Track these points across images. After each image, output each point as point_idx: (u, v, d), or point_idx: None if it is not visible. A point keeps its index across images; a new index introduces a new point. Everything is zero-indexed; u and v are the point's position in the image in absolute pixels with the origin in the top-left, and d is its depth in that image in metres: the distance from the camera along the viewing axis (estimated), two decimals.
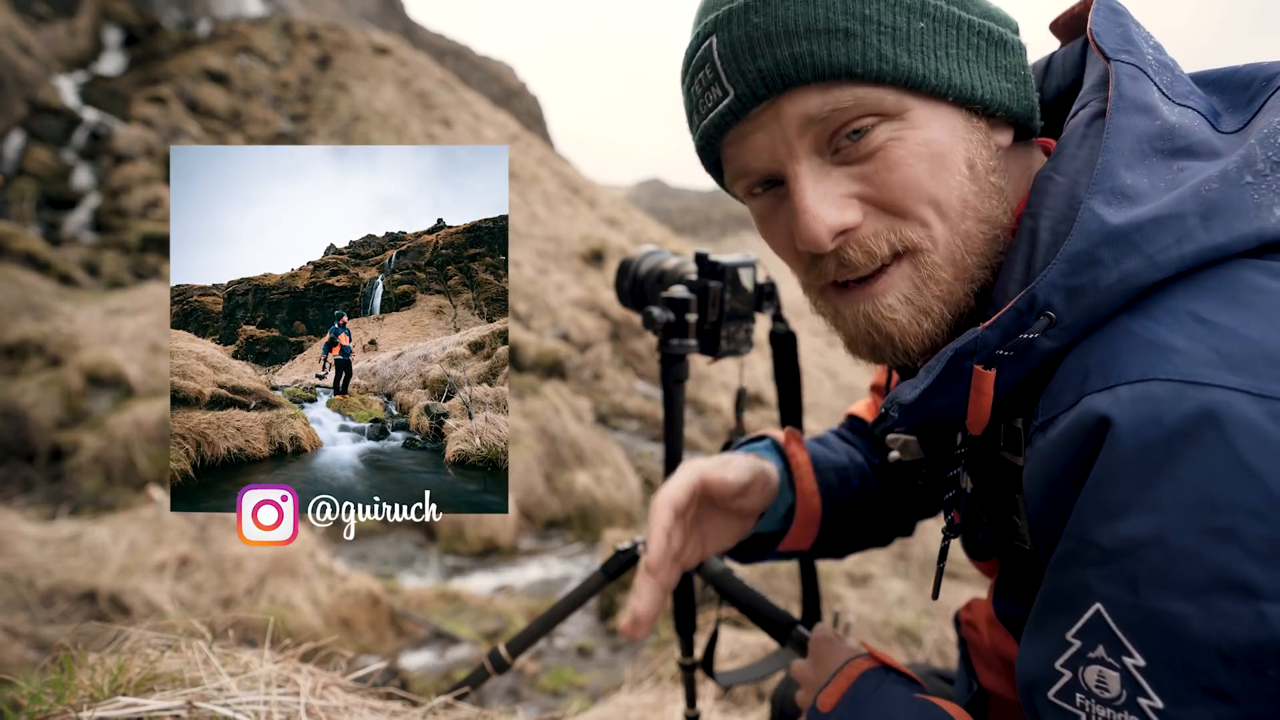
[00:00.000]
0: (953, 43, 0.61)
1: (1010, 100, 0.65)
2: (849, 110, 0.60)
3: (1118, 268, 0.53)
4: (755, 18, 0.59)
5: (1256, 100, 0.62)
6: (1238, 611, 0.46)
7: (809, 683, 0.91)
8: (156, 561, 3.84)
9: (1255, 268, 0.53)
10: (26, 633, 3.24)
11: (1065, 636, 0.54)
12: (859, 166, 0.62)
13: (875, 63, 0.58)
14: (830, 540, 1.01)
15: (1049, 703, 0.56)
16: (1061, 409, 0.54)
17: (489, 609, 4.46)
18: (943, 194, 0.61)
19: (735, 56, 0.61)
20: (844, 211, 0.62)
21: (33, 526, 3.98)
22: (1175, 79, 0.63)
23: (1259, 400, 0.46)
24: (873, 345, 0.66)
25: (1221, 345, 0.49)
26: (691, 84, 0.66)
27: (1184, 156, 0.57)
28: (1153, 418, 0.48)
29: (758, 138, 0.64)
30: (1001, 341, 0.58)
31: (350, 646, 3.71)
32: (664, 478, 1.35)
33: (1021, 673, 0.59)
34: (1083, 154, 0.60)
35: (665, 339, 1.20)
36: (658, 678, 2.85)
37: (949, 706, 0.77)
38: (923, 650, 3.31)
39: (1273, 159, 0.55)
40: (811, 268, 0.67)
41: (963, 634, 0.89)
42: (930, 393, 0.61)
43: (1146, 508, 0.48)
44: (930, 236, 0.62)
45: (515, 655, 1.32)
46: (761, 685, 3.03)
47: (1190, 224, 0.53)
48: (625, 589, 4.39)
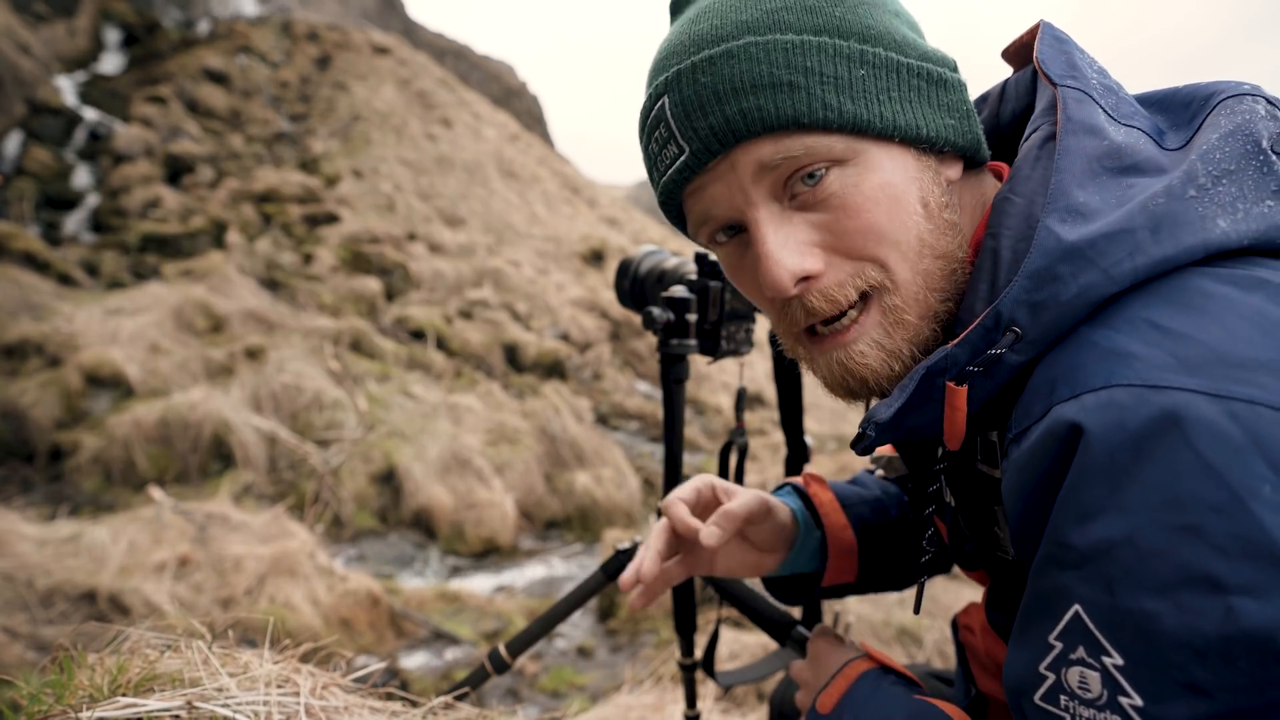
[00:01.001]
0: (894, 86, 0.64)
1: (955, 135, 0.68)
2: (800, 158, 0.62)
3: (1075, 282, 0.56)
4: (703, 78, 0.62)
5: (1196, 118, 0.65)
6: (1206, 606, 0.47)
7: (808, 684, 0.91)
8: (156, 562, 3.84)
9: (1205, 274, 0.55)
10: (26, 633, 3.23)
11: (1048, 639, 0.55)
12: (817, 214, 0.64)
13: (821, 111, 0.61)
14: (879, 571, 1.03)
15: (1035, 706, 0.57)
16: (1033, 420, 0.55)
17: (489, 609, 4.46)
18: (901, 236, 0.64)
19: (687, 115, 0.64)
20: (804, 258, 0.64)
21: (32, 526, 3.98)
22: (1120, 101, 0.66)
23: (1216, 400, 0.48)
24: (848, 388, 0.69)
25: (1178, 350, 0.51)
26: (649, 142, 0.69)
27: (1132, 174, 0.60)
28: (1117, 423, 0.50)
29: (716, 188, 0.66)
30: (971, 358, 0.60)
31: (350, 647, 3.71)
32: (664, 478, 1.35)
33: (1008, 677, 0.60)
34: (1037, 175, 0.63)
35: (665, 339, 1.20)
36: (658, 678, 2.85)
37: (948, 707, 0.77)
38: (923, 651, 3.31)
39: (1213, 173, 0.57)
40: (782, 314, 0.69)
41: (960, 639, 0.90)
42: (905, 410, 0.63)
43: (1117, 509, 0.50)
44: (891, 279, 0.64)
45: (515, 655, 1.32)
46: (761, 685, 3.03)
47: (1140, 237, 0.55)
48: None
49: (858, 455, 0.69)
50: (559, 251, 15.08)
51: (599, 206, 21.78)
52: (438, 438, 6.07)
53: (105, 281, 8.46)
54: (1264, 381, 0.48)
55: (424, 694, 2.14)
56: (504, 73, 45.85)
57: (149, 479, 5.01)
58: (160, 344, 6.52)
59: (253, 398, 5.96)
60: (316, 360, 6.87)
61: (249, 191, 12.07)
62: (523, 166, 19.81)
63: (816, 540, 0.99)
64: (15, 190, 10.36)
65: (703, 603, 3.57)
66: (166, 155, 12.61)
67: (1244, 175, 0.58)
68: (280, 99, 17.83)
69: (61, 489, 4.95)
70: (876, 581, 1.05)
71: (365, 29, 26.05)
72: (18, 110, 12.22)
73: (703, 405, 9.61)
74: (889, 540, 1.02)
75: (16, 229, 8.53)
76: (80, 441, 5.19)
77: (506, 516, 5.64)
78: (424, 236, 12.82)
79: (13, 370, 5.81)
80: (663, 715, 2.52)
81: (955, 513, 0.78)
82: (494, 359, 9.36)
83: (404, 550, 5.26)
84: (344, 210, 12.56)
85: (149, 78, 15.74)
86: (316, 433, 5.94)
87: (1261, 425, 0.47)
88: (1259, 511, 0.46)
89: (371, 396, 6.67)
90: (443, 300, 10.77)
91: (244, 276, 8.78)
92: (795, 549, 0.98)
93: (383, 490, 5.61)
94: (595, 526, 5.97)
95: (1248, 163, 0.58)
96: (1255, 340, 0.50)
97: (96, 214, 10.69)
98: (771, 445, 6.21)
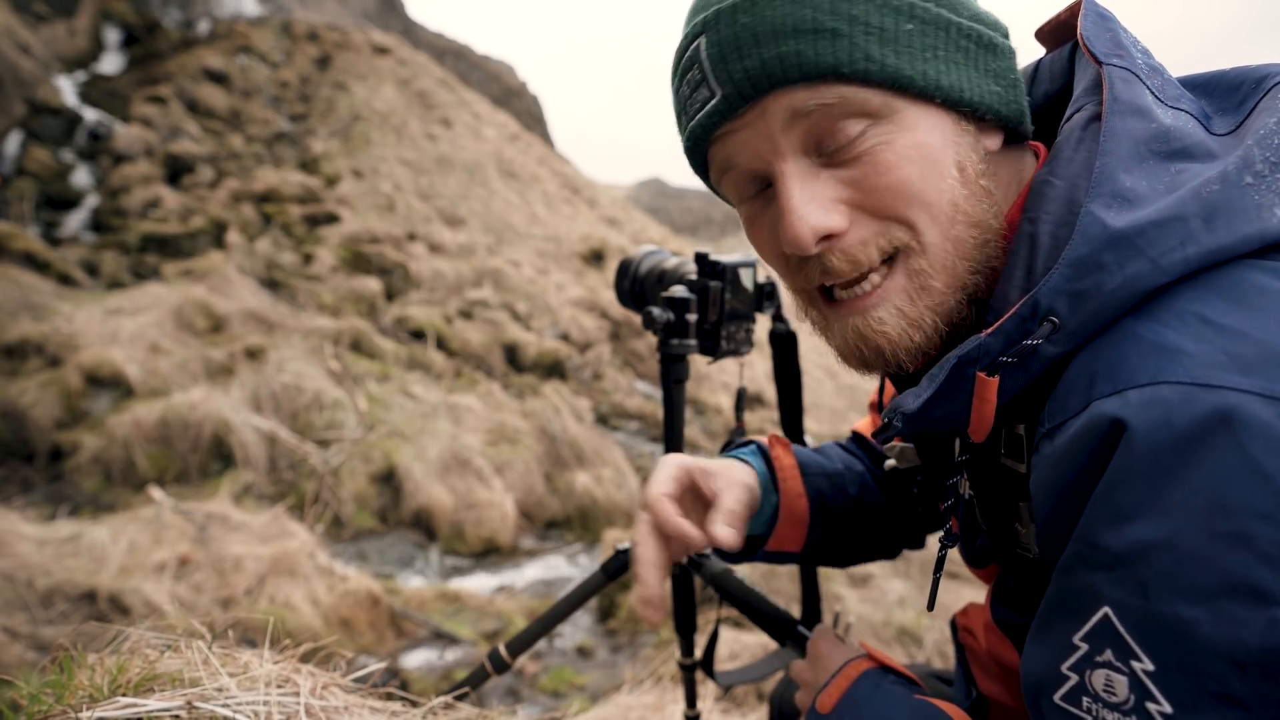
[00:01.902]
0: (940, 45, 0.61)
1: (999, 103, 0.65)
2: (835, 109, 0.60)
3: (1122, 272, 0.53)
4: (743, 18, 0.59)
5: (1248, 102, 0.62)
6: (1249, 616, 0.45)
7: (808, 683, 0.91)
8: (156, 562, 3.84)
9: (1259, 268, 0.53)
10: (26, 633, 3.23)
11: (1072, 640, 0.53)
12: (848, 170, 0.62)
13: (862, 62, 0.58)
14: (825, 546, 1.01)
15: (1055, 706, 0.55)
16: (1069, 415, 0.53)
17: (489, 609, 4.46)
18: (933, 197, 0.61)
19: (723, 57, 0.61)
20: (829, 215, 0.61)
21: (32, 526, 3.97)
22: (1165, 82, 0.63)
23: (1270, 402, 0.46)
24: (862, 358, 0.66)
25: (1230, 347, 0.49)
26: (680, 84, 0.66)
27: (1181, 159, 0.57)
28: (1163, 421, 0.48)
29: (744, 136, 0.64)
30: (1005, 348, 0.57)
31: (350, 647, 3.71)
32: None
33: (1027, 675, 0.58)
34: (1080, 157, 0.60)
35: (665, 339, 1.20)
36: (658, 678, 2.85)
37: (947, 707, 0.77)
38: (923, 651, 3.31)
39: (1270, 160, 0.55)
40: (797, 271, 0.67)
41: (959, 640, 0.89)
42: (934, 401, 0.61)
43: (1157, 511, 0.48)
44: (919, 240, 0.61)
45: (515, 655, 1.32)
46: (761, 685, 3.03)
47: (1193, 226, 0.53)
48: (625, 589, 4.38)
49: (879, 445, 0.66)
50: (559, 251, 15.08)
51: (599, 206, 21.78)
52: (438, 438, 6.07)
53: (105, 281, 8.46)
54: None
55: (424, 694, 2.14)
56: (504, 73, 45.84)
57: (149, 479, 5.01)
58: (160, 344, 6.52)
59: (253, 398, 5.96)
60: (316, 360, 6.87)
61: (249, 191, 12.07)
62: (523, 166, 19.81)
63: (772, 506, 0.96)
64: (15, 190, 10.36)
65: (702, 603, 3.57)
66: (166, 155, 12.61)
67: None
68: (280, 99, 17.83)
69: (61, 489, 4.95)
70: (819, 556, 1.03)
71: (365, 29, 26.05)
72: (18, 110, 12.22)
73: (703, 405, 9.60)
74: (841, 518, 1.00)
75: (16, 229, 8.53)
76: (80, 441, 5.19)
77: (506, 516, 5.64)
78: (424, 236, 12.82)
79: (13, 370, 5.81)
80: (663, 715, 2.52)
81: (970, 507, 0.77)
82: (494, 359, 9.36)
83: (404, 550, 5.26)
84: (344, 210, 12.56)
85: (149, 78, 15.73)
86: (316, 433, 5.94)
87: None
88: None
89: (371, 396, 6.67)
90: (443, 300, 10.77)
91: (244, 276, 8.78)
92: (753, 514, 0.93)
93: (383, 490, 5.61)
94: (595, 526, 5.97)
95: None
96: None
97: (96, 214, 10.69)
98: None
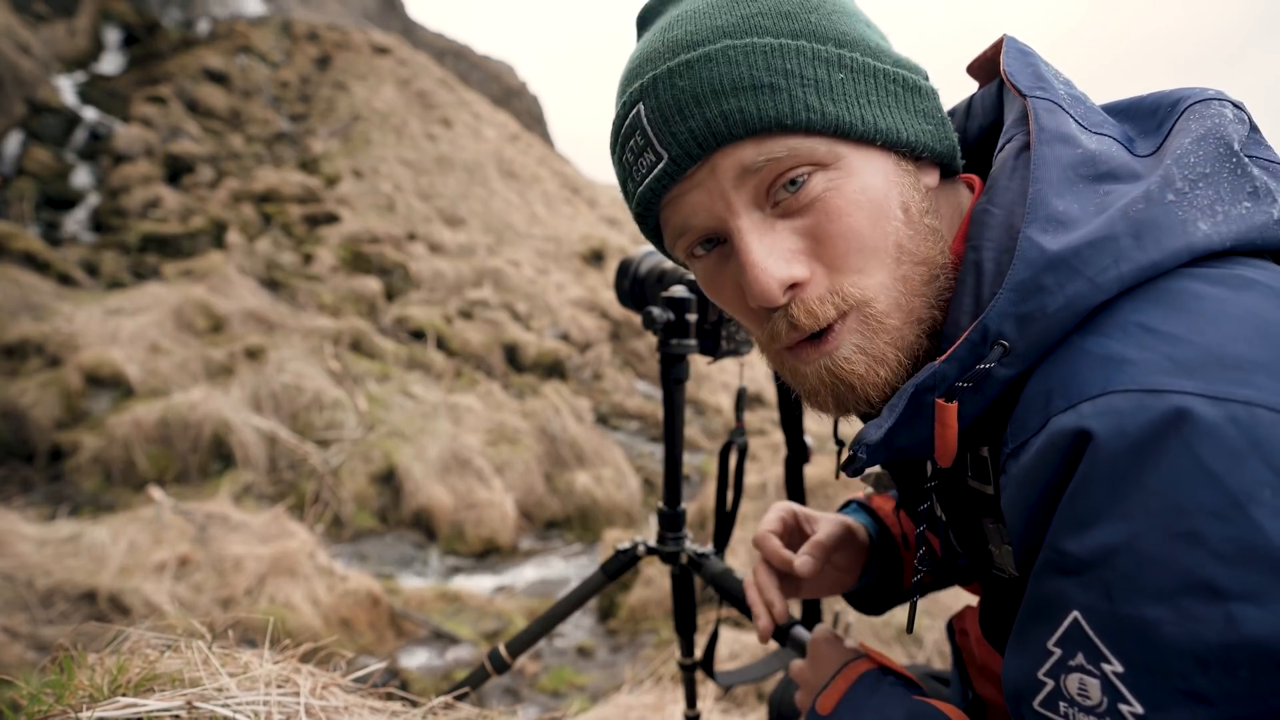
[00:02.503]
0: (872, 90, 0.64)
1: (933, 140, 0.68)
2: (784, 161, 0.62)
3: (1063, 292, 0.55)
4: (681, 81, 0.61)
5: (1165, 124, 0.65)
6: (1207, 613, 0.47)
7: (808, 684, 0.91)
8: (156, 562, 3.84)
9: (1193, 276, 0.55)
10: (26, 633, 3.24)
11: (1046, 645, 0.55)
12: (800, 220, 0.64)
13: (804, 113, 0.61)
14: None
15: (1034, 712, 0.57)
16: (1030, 433, 0.55)
17: (489, 609, 4.46)
18: (879, 243, 0.63)
19: (665, 120, 0.62)
20: (791, 265, 0.63)
21: (32, 526, 3.98)
22: (1088, 110, 0.67)
23: (1215, 403, 0.48)
24: (837, 395, 0.67)
25: (1173, 352, 0.50)
26: (623, 153, 0.67)
27: (1108, 180, 0.59)
28: (1117, 429, 0.49)
29: (695, 196, 0.65)
30: (960, 374, 0.59)
31: (350, 647, 3.71)
32: (664, 478, 1.35)
33: (1007, 682, 0.60)
34: (1014, 185, 0.63)
35: (665, 339, 1.20)
36: (658, 678, 2.85)
37: (947, 709, 0.77)
38: (923, 651, 3.31)
39: (1189, 177, 0.57)
40: (764, 325, 0.68)
41: (956, 642, 0.90)
42: (895, 430, 0.62)
43: (1117, 516, 0.49)
44: (871, 286, 0.63)
45: (515, 655, 1.32)
46: (761, 685, 3.03)
47: (1124, 244, 0.55)
48: (625, 589, 4.39)
49: (849, 476, 0.68)
50: (559, 251, 15.08)
51: (599, 206, 21.79)
52: (438, 438, 6.07)
53: (105, 281, 8.46)
54: (1261, 382, 0.48)
55: (424, 694, 2.14)
56: (504, 73, 45.83)
57: (149, 479, 5.02)
58: (160, 344, 6.52)
59: (253, 398, 5.96)
60: (316, 360, 6.87)
61: (249, 191, 12.08)
62: (523, 166, 19.82)
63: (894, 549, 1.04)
64: (15, 190, 10.37)
65: (703, 603, 3.57)
66: (166, 155, 12.61)
67: (1219, 178, 0.58)
68: (280, 99, 17.83)
69: (61, 489, 4.95)
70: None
71: (365, 29, 26.05)
72: (18, 110, 12.22)
73: (703, 405, 9.61)
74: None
75: (16, 229, 8.53)
76: (80, 441, 5.19)
77: (506, 516, 5.64)
78: (424, 236, 12.82)
79: (13, 370, 5.81)
80: (663, 715, 2.52)
81: (947, 529, 0.78)
82: (494, 359, 9.36)
83: (404, 550, 5.26)
84: (344, 210, 12.56)
85: (149, 78, 15.74)
86: (316, 433, 5.94)
87: (1260, 428, 0.47)
88: (1259, 517, 0.46)
89: (371, 396, 6.68)
90: (443, 300, 10.77)
91: (244, 276, 8.78)
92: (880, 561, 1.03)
93: (383, 490, 5.61)
94: (595, 526, 5.97)
95: (1222, 165, 0.58)
96: (1250, 340, 0.50)
97: (96, 214, 10.69)
98: (771, 445, 6.21)
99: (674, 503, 1.36)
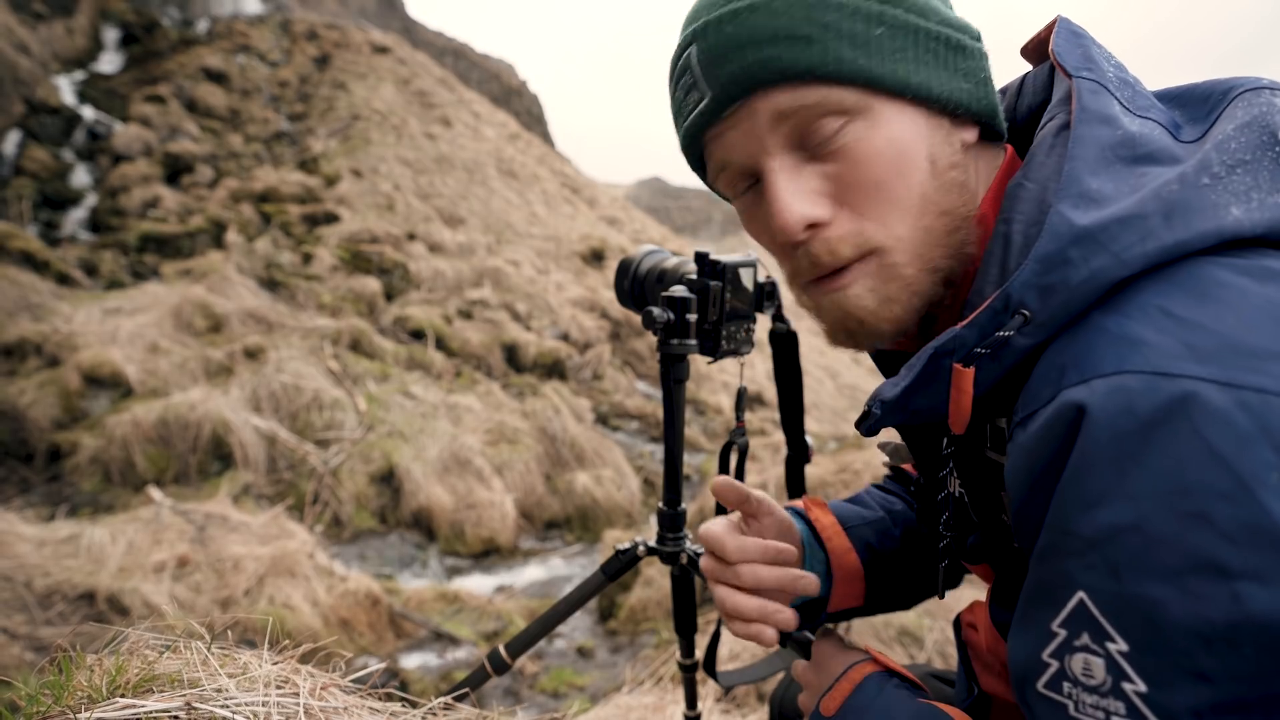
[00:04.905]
0: (909, 47, 0.66)
1: (969, 99, 0.70)
2: (815, 108, 0.65)
3: (1087, 265, 0.56)
4: (728, 28, 0.65)
5: (1214, 111, 0.65)
6: (1213, 592, 0.48)
7: (812, 686, 0.91)
8: (155, 562, 3.84)
9: (1218, 264, 0.55)
10: (24, 634, 3.23)
11: (1051, 627, 0.55)
12: (829, 165, 0.67)
13: (835, 64, 0.64)
14: (886, 593, 1.04)
15: (1038, 694, 0.57)
16: (1040, 404, 0.56)
17: (489, 609, 4.45)
18: (904, 191, 0.66)
19: (711, 62, 0.67)
20: (814, 205, 0.67)
21: (31, 527, 3.97)
22: (1136, 94, 0.67)
23: (1226, 389, 0.48)
24: (849, 330, 0.71)
25: (1189, 338, 0.51)
26: (675, 88, 0.72)
27: (1146, 163, 0.60)
28: (1126, 408, 0.50)
29: (734, 135, 0.69)
30: (979, 340, 0.60)
31: (350, 647, 3.71)
32: (664, 478, 1.34)
33: (1013, 665, 0.61)
34: (1051, 162, 0.64)
35: (665, 339, 1.20)
36: (658, 679, 2.85)
37: (951, 711, 0.77)
38: (924, 651, 3.31)
39: (1227, 163, 0.58)
40: (790, 260, 0.72)
41: (963, 637, 0.90)
42: (912, 390, 0.64)
43: (1124, 495, 0.50)
44: (892, 234, 0.66)
45: (515, 656, 1.32)
46: (762, 686, 3.03)
47: (1153, 223, 0.56)
48: (625, 589, 4.39)
49: (863, 435, 0.70)
50: (559, 251, 15.08)
51: (599, 206, 21.79)
52: (437, 438, 6.07)
53: (104, 281, 8.45)
54: (1275, 371, 0.49)
55: (424, 694, 2.14)
56: (504, 72, 45.81)
57: (148, 479, 5.01)
58: (159, 344, 6.51)
59: (252, 398, 5.95)
60: (316, 360, 6.87)
61: (248, 191, 12.07)
62: (522, 166, 19.81)
63: (821, 564, 1.00)
64: (14, 190, 10.36)
65: (703, 603, 3.57)
66: (165, 155, 12.60)
67: (1259, 165, 0.58)
68: (279, 98, 17.82)
69: (60, 489, 4.94)
70: (883, 604, 1.06)
71: (364, 28, 26.05)
72: (16, 109, 12.21)
73: (703, 405, 9.61)
74: (895, 562, 1.03)
75: (15, 229, 8.52)
76: (79, 442, 5.19)
77: (506, 517, 5.64)
78: (424, 236, 12.82)
79: (11, 370, 5.81)
80: (663, 716, 2.51)
81: (962, 503, 0.79)
82: (494, 359, 9.36)
83: (404, 550, 5.26)
84: (343, 210, 12.55)
85: (148, 77, 15.73)
86: (316, 433, 5.94)
87: (1271, 414, 0.47)
88: (1266, 499, 0.46)
89: (371, 396, 6.67)
90: (442, 300, 10.77)
91: (243, 276, 8.77)
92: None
93: (382, 490, 5.60)
94: (595, 527, 5.97)
95: (1263, 153, 0.58)
96: (1269, 331, 0.51)
97: (95, 214, 10.68)
98: (771, 445, 6.20)
99: (674, 503, 1.35)
